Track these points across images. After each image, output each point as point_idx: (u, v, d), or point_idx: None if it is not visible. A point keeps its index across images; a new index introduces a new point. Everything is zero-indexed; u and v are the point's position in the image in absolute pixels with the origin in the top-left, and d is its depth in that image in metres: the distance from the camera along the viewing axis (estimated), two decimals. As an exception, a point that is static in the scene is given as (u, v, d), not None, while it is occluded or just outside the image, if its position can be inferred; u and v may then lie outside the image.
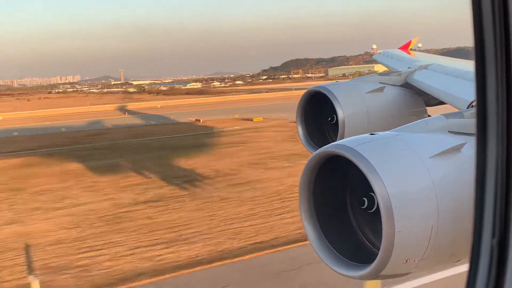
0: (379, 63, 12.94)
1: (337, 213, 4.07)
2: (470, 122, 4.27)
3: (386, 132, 4.10)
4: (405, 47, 14.57)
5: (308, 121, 7.74)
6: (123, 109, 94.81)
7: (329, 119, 7.38)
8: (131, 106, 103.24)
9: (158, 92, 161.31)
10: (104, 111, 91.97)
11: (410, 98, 7.85)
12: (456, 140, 3.89)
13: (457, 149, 3.77)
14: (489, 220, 1.85)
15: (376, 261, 3.53)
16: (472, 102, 5.32)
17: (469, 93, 5.63)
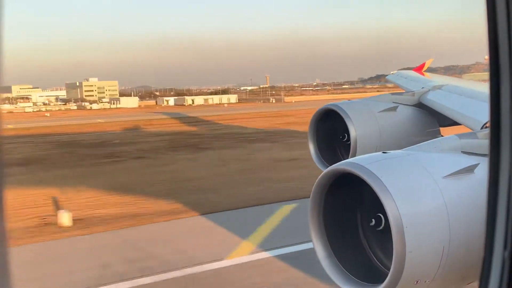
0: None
1: (348, 232, 4.03)
2: (483, 142, 4.24)
3: (399, 151, 4.07)
4: (419, 69, 14.51)
5: (320, 138, 7.73)
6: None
7: (341, 137, 7.37)
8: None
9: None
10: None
11: (423, 118, 7.82)
12: (470, 160, 3.86)
13: (470, 169, 3.73)
14: (501, 233, 1.85)
15: (386, 281, 3.49)
16: (486, 123, 5.29)
17: (483, 113, 5.59)
